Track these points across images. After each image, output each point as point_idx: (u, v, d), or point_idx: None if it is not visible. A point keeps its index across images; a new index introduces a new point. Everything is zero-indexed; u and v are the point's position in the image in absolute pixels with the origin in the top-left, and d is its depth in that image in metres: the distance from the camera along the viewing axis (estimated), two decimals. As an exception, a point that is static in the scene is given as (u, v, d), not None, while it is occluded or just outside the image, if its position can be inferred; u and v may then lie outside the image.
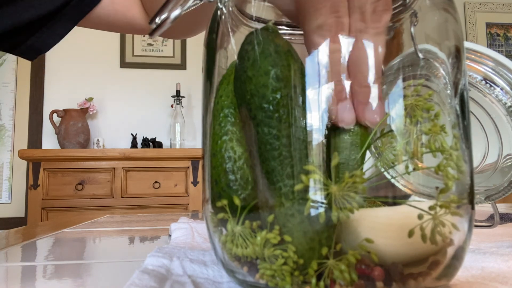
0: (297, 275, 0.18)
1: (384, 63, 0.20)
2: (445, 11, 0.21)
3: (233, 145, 0.20)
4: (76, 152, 1.88)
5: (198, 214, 0.83)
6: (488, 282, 0.22)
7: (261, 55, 0.19)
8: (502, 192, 0.36)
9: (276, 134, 0.19)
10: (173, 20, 0.22)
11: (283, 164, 0.19)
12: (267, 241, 0.18)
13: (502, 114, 0.35)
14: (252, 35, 0.20)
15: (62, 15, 0.45)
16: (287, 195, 0.18)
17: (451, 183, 0.18)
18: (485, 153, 0.37)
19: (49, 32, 0.45)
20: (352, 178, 0.17)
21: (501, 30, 2.69)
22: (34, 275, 0.29)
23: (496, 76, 0.35)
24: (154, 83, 2.36)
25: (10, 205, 2.20)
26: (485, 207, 0.63)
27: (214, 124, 0.21)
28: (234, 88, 0.21)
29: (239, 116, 0.21)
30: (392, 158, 0.20)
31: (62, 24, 0.45)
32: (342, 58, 0.19)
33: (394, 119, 0.19)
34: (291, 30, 0.23)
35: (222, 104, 0.21)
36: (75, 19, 0.46)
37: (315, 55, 0.19)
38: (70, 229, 0.58)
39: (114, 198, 1.89)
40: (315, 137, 0.19)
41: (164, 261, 0.25)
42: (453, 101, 0.20)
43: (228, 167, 0.20)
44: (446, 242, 0.19)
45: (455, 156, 0.19)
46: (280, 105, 0.19)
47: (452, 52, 0.21)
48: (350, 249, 0.18)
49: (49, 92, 2.27)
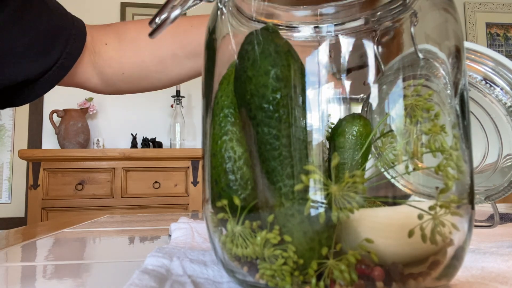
0: (297, 275, 0.18)
1: (384, 63, 0.20)
2: (445, 11, 0.21)
3: (233, 145, 0.20)
4: (76, 152, 1.88)
5: (198, 214, 0.83)
6: (488, 282, 0.22)
7: (261, 55, 0.19)
8: (502, 192, 0.36)
9: (276, 134, 0.19)
10: (173, 20, 0.22)
11: (283, 164, 0.19)
12: (267, 241, 0.18)
13: (502, 114, 0.35)
14: (252, 35, 0.20)
15: (43, 79, 0.53)
16: (287, 195, 0.18)
17: (451, 183, 0.18)
18: (485, 153, 0.37)
19: (29, 92, 0.54)
20: (353, 178, 0.17)
21: (501, 30, 2.69)
22: (34, 275, 0.29)
23: (496, 76, 0.35)
24: (154, 83, 2.36)
25: (10, 205, 2.20)
26: (485, 207, 0.63)
27: (214, 124, 0.21)
28: (234, 88, 0.21)
29: (239, 116, 0.21)
30: (392, 158, 0.20)
31: (41, 86, 0.54)
32: (342, 58, 0.19)
33: (394, 119, 0.19)
34: (291, 30, 0.23)
35: (222, 104, 0.21)
36: (53, 82, 0.55)
37: (315, 55, 0.19)
38: (70, 229, 0.58)
39: (114, 198, 1.89)
40: (315, 137, 0.19)
41: (164, 261, 0.25)
42: (453, 101, 0.20)
43: (228, 167, 0.20)
44: (446, 242, 0.19)
45: (455, 156, 0.19)
46: (280, 105, 0.19)
47: (452, 52, 0.21)
48: (350, 249, 0.18)
49: (49, 92, 2.26)
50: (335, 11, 0.21)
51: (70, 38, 0.54)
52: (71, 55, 0.54)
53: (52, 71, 0.53)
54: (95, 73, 0.59)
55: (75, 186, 1.88)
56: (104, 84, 0.60)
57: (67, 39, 0.53)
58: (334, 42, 0.20)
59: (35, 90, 0.54)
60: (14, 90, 0.53)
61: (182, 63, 0.59)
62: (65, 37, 0.53)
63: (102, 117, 2.31)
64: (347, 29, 0.21)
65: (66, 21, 0.54)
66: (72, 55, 0.54)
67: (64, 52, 0.53)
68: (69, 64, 0.54)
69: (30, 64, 0.51)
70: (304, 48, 0.20)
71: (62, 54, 0.53)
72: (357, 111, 0.22)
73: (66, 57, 0.53)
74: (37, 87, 0.54)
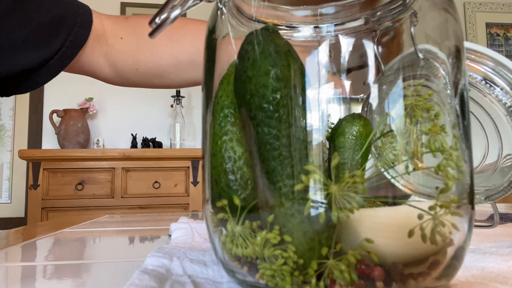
0: (297, 275, 0.18)
1: (384, 63, 0.20)
2: (445, 11, 0.21)
3: (233, 145, 0.20)
4: (76, 152, 1.88)
5: (198, 214, 0.83)
6: (488, 282, 0.22)
7: (261, 55, 0.19)
8: (502, 192, 0.36)
9: (276, 134, 0.19)
10: (173, 20, 0.22)
11: (283, 164, 0.19)
12: (267, 241, 0.18)
13: (502, 114, 0.35)
14: (252, 35, 0.20)
15: (46, 68, 0.52)
16: (287, 195, 0.18)
17: (451, 183, 0.18)
18: (485, 153, 0.37)
19: (31, 81, 0.53)
20: (353, 178, 0.17)
21: (501, 30, 2.69)
22: (34, 275, 0.29)
23: (496, 76, 0.35)
24: (154, 83, 2.36)
25: (10, 205, 2.20)
26: (485, 207, 0.63)
27: (214, 124, 0.21)
28: (234, 88, 0.21)
29: (239, 116, 0.21)
30: (392, 158, 0.20)
31: (44, 75, 0.53)
32: (342, 58, 0.19)
33: (394, 119, 0.19)
34: (291, 30, 0.23)
35: (222, 104, 0.21)
36: (56, 70, 0.53)
37: (315, 55, 0.19)
38: (70, 229, 0.58)
39: (114, 198, 1.89)
40: (315, 137, 0.19)
41: (164, 261, 0.25)
42: (453, 101, 0.20)
43: (228, 167, 0.20)
44: (446, 242, 0.19)
45: (455, 156, 0.19)
46: (280, 105, 0.19)
47: (452, 52, 0.21)
48: (350, 249, 0.18)
49: (49, 92, 2.27)
50: (335, 11, 0.21)
51: (74, 26, 0.53)
52: (75, 43, 0.53)
53: (55, 60, 0.52)
54: (107, 64, 0.58)
55: (75, 186, 1.88)
56: (116, 75, 0.60)
57: (71, 28, 0.52)
58: (334, 42, 0.20)
59: (37, 79, 0.53)
60: (16, 79, 0.52)
61: (198, 69, 0.59)
62: (69, 26, 0.52)
63: (102, 117, 2.31)
64: (347, 29, 0.21)
65: (70, 9, 0.53)
66: (76, 43, 0.53)
67: (67, 40, 0.52)
68: (72, 52, 0.53)
69: (30, 54, 0.50)
70: (304, 48, 0.20)
71: (65, 43, 0.52)
72: (357, 111, 0.22)
73: (69, 46, 0.53)
74: (39, 76, 0.53)
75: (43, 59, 0.51)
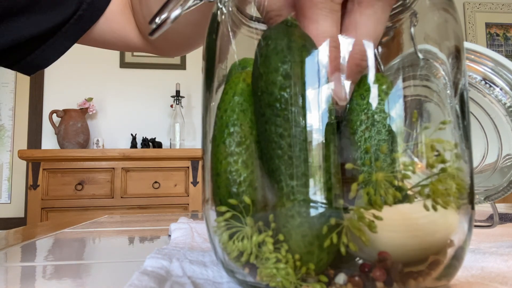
0: (297, 275, 0.18)
1: (384, 63, 0.20)
2: (445, 11, 0.21)
3: (238, 168, 0.20)
4: (76, 152, 1.88)
5: (198, 214, 0.83)
6: (488, 282, 0.22)
7: (273, 51, 0.19)
8: (501, 192, 0.36)
9: (282, 132, 0.18)
10: (173, 20, 0.22)
11: (287, 164, 0.18)
12: (268, 241, 0.18)
13: (502, 114, 0.35)
14: (269, 30, 0.20)
15: (61, 33, 0.46)
16: (289, 195, 0.18)
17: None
18: (485, 153, 0.37)
19: (49, 49, 0.47)
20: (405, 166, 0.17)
21: (500, 30, 2.70)
22: (33, 275, 0.29)
23: (495, 76, 0.35)
24: (154, 83, 2.36)
25: (9, 205, 2.20)
26: (484, 207, 0.63)
27: (218, 140, 0.20)
28: (252, 85, 0.20)
29: (247, 131, 0.20)
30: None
31: (61, 42, 0.47)
32: (342, 58, 0.19)
33: (394, 119, 0.19)
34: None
35: (226, 120, 0.20)
36: (74, 37, 0.47)
37: (315, 55, 0.19)
38: (70, 229, 0.58)
39: (114, 198, 1.89)
40: (318, 137, 0.18)
41: (163, 263, 0.25)
42: (453, 101, 0.20)
43: (233, 190, 0.20)
44: (447, 243, 0.19)
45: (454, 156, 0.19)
46: (288, 104, 0.18)
47: (452, 52, 0.21)
48: (354, 245, 0.18)
49: (49, 92, 2.27)
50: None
51: None
52: (94, 6, 0.46)
53: (70, 24, 0.45)
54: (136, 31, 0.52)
55: (74, 186, 1.88)
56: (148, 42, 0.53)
57: None
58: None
59: (55, 47, 0.47)
60: (32, 48, 0.46)
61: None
62: None
63: (101, 117, 2.31)
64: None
65: None
66: (96, 5, 0.46)
67: (84, 2, 0.45)
68: (92, 15, 0.46)
69: (38, 17, 0.43)
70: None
71: (81, 5, 0.45)
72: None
73: (87, 9, 0.46)
74: (57, 43, 0.46)
75: (55, 24, 0.45)
